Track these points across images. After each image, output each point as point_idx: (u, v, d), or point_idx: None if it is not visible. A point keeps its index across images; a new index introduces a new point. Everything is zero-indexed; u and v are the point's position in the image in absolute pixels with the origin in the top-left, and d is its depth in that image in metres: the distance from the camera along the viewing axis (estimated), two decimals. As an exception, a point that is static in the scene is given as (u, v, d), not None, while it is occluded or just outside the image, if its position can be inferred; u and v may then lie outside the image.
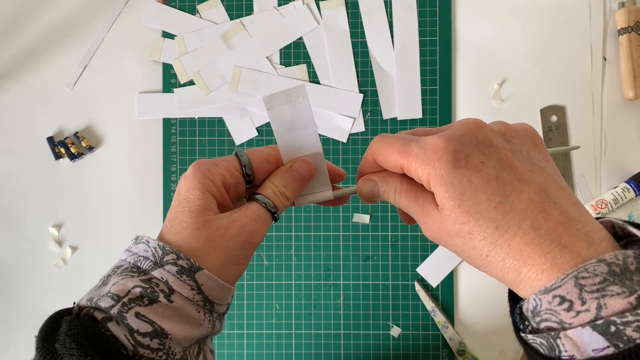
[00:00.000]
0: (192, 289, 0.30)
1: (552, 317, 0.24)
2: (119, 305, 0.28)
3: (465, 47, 0.69)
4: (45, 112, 0.71)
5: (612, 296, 0.22)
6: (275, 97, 0.33)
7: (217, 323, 0.32)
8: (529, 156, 0.28)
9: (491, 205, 0.26)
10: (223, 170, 0.33)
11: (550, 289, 0.24)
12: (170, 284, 0.29)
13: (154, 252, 0.30)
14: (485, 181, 0.26)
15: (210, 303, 0.31)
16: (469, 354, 0.66)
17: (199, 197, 0.32)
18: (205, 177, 0.32)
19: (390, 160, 0.30)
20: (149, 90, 0.71)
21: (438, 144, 0.28)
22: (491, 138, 0.28)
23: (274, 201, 0.34)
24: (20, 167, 0.70)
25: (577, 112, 0.68)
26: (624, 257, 0.23)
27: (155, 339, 0.28)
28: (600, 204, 0.64)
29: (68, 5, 0.71)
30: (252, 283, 0.68)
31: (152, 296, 0.29)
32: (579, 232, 0.25)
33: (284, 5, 0.70)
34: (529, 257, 0.25)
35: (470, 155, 0.27)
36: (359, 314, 0.67)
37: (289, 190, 0.35)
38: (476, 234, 0.26)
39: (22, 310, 0.69)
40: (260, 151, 0.35)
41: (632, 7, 0.66)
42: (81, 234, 0.70)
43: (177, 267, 0.29)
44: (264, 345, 0.67)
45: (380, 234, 0.68)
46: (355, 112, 0.69)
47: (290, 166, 0.35)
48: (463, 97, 0.69)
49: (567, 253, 0.24)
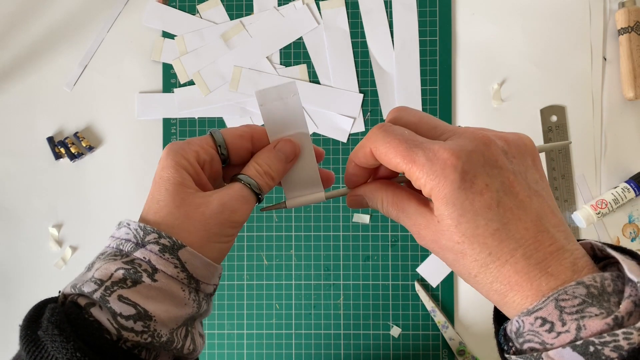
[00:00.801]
0: (175, 266, 0.29)
1: (534, 338, 0.25)
2: (101, 289, 0.27)
3: (465, 47, 0.69)
4: (45, 112, 0.71)
5: (590, 317, 0.23)
6: (267, 93, 0.33)
7: (204, 304, 0.32)
8: (527, 179, 0.28)
9: (488, 231, 0.26)
10: (196, 147, 0.33)
11: (532, 311, 0.25)
12: (153, 263, 0.29)
13: (135, 233, 0.30)
14: (486, 206, 0.26)
15: (195, 281, 0.30)
16: (469, 354, 0.66)
17: (173, 174, 0.32)
18: (178, 155, 0.32)
19: (392, 162, 0.29)
20: (149, 90, 0.71)
21: (447, 160, 0.27)
22: (497, 158, 0.28)
23: (257, 181, 0.34)
24: (20, 167, 0.70)
25: (577, 112, 0.68)
26: (601, 279, 0.24)
27: (139, 321, 0.27)
28: (600, 204, 0.64)
29: (68, 5, 0.71)
30: (252, 283, 0.68)
31: (135, 277, 0.28)
32: (565, 260, 0.26)
33: (284, 5, 0.70)
34: (517, 283, 0.26)
35: (477, 177, 0.27)
36: (359, 314, 0.67)
37: (273, 169, 0.34)
38: (468, 255, 0.27)
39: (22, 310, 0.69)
40: (234, 129, 0.35)
41: (632, 7, 0.66)
42: (81, 234, 0.70)
43: (159, 246, 0.29)
44: (264, 345, 0.67)
45: (380, 234, 0.68)
46: (355, 112, 0.69)
47: (275, 146, 0.35)
48: (463, 97, 0.69)
49: (553, 281, 0.25)
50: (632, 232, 0.66)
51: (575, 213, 0.66)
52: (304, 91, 0.69)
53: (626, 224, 0.67)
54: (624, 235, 0.67)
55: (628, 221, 0.67)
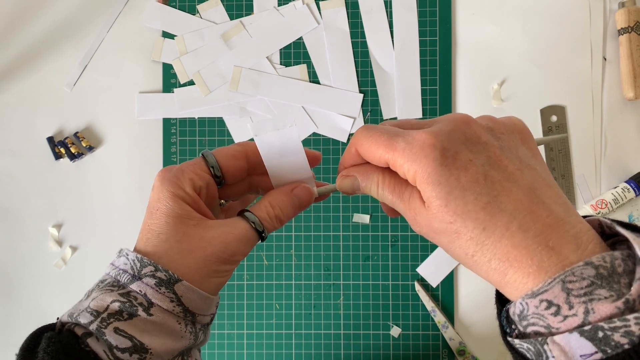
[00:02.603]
0: (171, 300, 0.29)
1: (539, 322, 0.24)
2: (97, 321, 0.28)
3: (465, 47, 0.69)
4: (45, 112, 0.71)
5: (599, 300, 0.22)
6: (263, 124, 0.33)
7: (201, 334, 0.32)
8: (518, 153, 0.27)
9: (479, 205, 0.25)
10: (191, 175, 0.32)
11: (537, 293, 0.23)
12: (149, 296, 0.29)
13: (132, 264, 0.30)
14: (473, 180, 0.26)
15: (191, 314, 0.30)
16: (469, 354, 0.66)
17: (172, 206, 0.31)
18: (173, 185, 0.32)
19: (375, 154, 0.29)
20: (149, 90, 0.71)
21: (425, 140, 0.27)
22: (479, 134, 0.27)
23: (265, 224, 0.33)
24: (20, 167, 0.70)
25: (577, 112, 0.68)
26: (611, 259, 0.23)
27: (135, 354, 0.27)
28: (600, 204, 0.64)
29: (68, 5, 0.71)
30: (252, 283, 0.68)
31: (130, 310, 0.28)
32: (566, 233, 0.24)
33: (284, 5, 0.70)
34: (515, 259, 0.24)
35: (459, 153, 0.26)
36: (359, 314, 0.67)
37: (284, 214, 0.33)
38: (463, 234, 0.26)
39: (21, 311, 0.69)
40: (226, 149, 0.34)
41: (632, 7, 0.66)
42: (81, 234, 0.70)
43: (155, 280, 0.29)
44: (264, 345, 0.67)
45: (380, 234, 0.68)
46: (355, 112, 0.69)
47: (292, 190, 0.34)
48: (463, 97, 0.69)
49: (555, 256, 0.24)
50: (632, 232, 0.66)
51: (575, 213, 0.66)
52: (304, 91, 0.69)
53: (626, 224, 0.67)
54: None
55: (628, 221, 0.67)
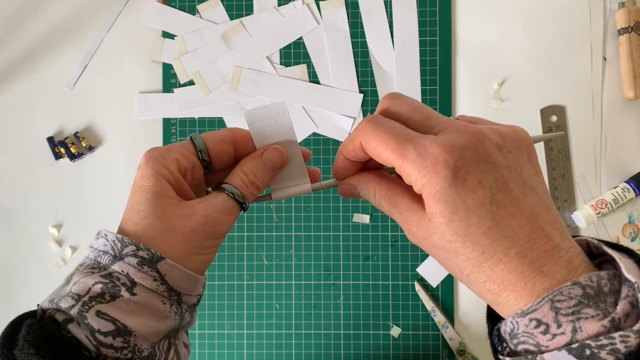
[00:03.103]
0: (155, 279, 0.29)
1: (529, 340, 0.24)
2: (79, 305, 0.27)
3: (465, 47, 0.69)
4: (45, 112, 0.71)
5: (586, 319, 0.23)
6: (256, 112, 0.33)
7: (187, 315, 0.31)
8: (522, 174, 0.27)
9: (481, 229, 0.26)
10: (176, 155, 0.32)
11: (526, 312, 0.24)
12: (132, 276, 0.28)
13: (112, 245, 0.29)
14: (479, 204, 0.26)
15: (176, 293, 0.30)
16: (469, 354, 0.66)
17: (153, 183, 0.31)
18: (158, 163, 0.31)
19: (382, 156, 0.28)
20: (149, 90, 0.71)
21: (439, 156, 0.26)
22: (490, 153, 0.27)
23: (242, 191, 0.32)
24: (20, 167, 0.70)
25: (577, 112, 0.68)
26: (597, 278, 0.24)
27: (118, 337, 0.27)
28: (600, 204, 0.64)
29: (68, 5, 0.71)
30: (252, 283, 0.68)
31: (113, 291, 0.28)
32: (561, 259, 0.25)
33: (284, 5, 0.70)
34: (510, 283, 0.25)
35: (469, 174, 0.26)
36: (359, 314, 0.67)
37: (259, 179, 0.33)
38: (461, 254, 0.26)
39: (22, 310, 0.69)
40: (215, 133, 0.34)
41: (632, 7, 0.66)
42: (81, 234, 0.70)
43: (137, 259, 0.28)
44: (264, 345, 0.67)
45: (380, 234, 0.68)
46: (355, 112, 0.69)
47: (261, 154, 0.33)
48: (463, 97, 0.69)
49: (547, 280, 0.25)
50: (632, 232, 0.66)
51: (575, 213, 0.66)
52: (304, 91, 0.69)
53: (626, 224, 0.67)
54: (624, 235, 0.67)
55: (628, 221, 0.67)
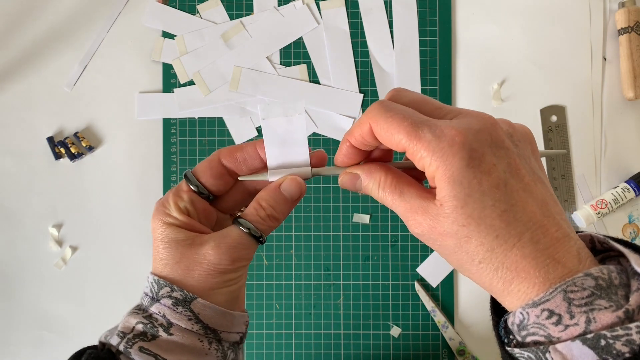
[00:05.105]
0: (189, 319, 0.30)
1: (539, 331, 0.24)
2: (124, 342, 0.30)
3: (465, 47, 0.69)
4: (45, 112, 0.71)
5: (600, 310, 0.22)
6: (272, 108, 0.33)
7: (230, 353, 0.32)
8: (530, 164, 0.27)
9: (495, 212, 0.25)
10: (173, 199, 0.34)
11: (538, 303, 0.24)
12: (168, 317, 0.30)
13: (151, 287, 0.32)
14: (494, 186, 0.25)
15: (212, 331, 0.31)
16: (469, 354, 0.66)
17: (163, 233, 0.33)
18: (161, 213, 0.33)
19: (394, 138, 0.27)
20: (149, 90, 0.71)
21: (455, 137, 0.25)
22: (503, 139, 0.27)
23: (257, 226, 0.32)
24: (20, 167, 0.70)
25: (577, 112, 0.68)
26: (608, 271, 0.24)
27: None
28: (600, 204, 0.64)
29: (68, 5, 0.71)
30: (252, 283, 0.68)
31: (152, 332, 0.30)
32: (571, 248, 0.25)
33: (284, 5, 0.70)
34: (524, 270, 0.25)
35: (485, 155, 0.26)
36: (359, 314, 0.67)
37: (277, 211, 0.33)
38: (474, 238, 0.25)
39: (22, 310, 0.69)
40: (202, 163, 0.34)
41: (632, 7, 0.66)
42: (81, 234, 0.70)
43: (172, 300, 0.31)
44: (264, 345, 0.67)
45: (380, 234, 0.68)
46: (355, 112, 0.69)
47: (279, 185, 0.33)
48: (463, 97, 0.69)
49: (560, 268, 0.24)
50: (632, 232, 0.66)
51: (575, 213, 0.66)
52: (304, 91, 0.69)
53: (626, 224, 0.67)
54: (623, 235, 0.67)
55: (628, 221, 0.67)
